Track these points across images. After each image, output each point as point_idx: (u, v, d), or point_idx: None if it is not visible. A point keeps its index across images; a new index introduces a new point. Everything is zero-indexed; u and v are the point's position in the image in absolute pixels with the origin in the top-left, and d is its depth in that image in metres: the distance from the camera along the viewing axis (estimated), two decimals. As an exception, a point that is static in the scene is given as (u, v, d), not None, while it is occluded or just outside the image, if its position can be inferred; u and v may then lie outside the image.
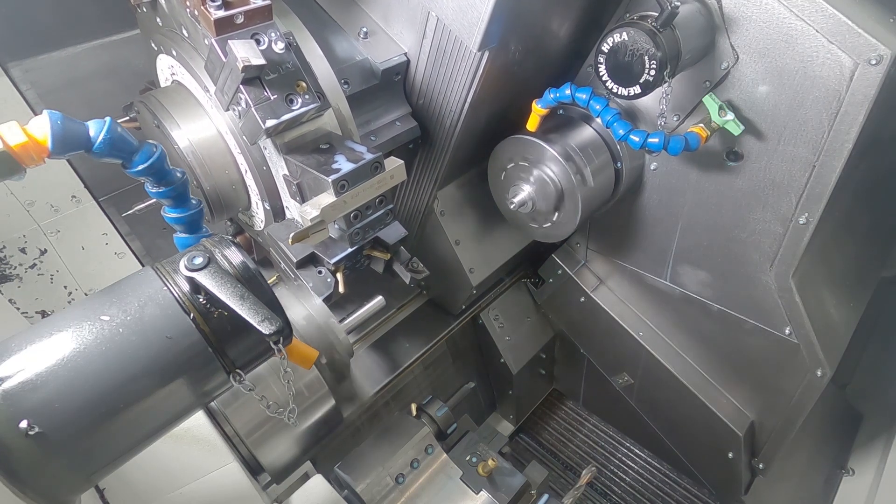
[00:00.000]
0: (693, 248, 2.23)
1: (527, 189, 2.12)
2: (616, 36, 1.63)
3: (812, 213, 1.81)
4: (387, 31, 1.91)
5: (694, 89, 1.85)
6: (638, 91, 1.66)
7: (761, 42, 1.68)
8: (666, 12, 1.55)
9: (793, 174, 1.80)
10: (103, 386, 1.05)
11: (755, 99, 1.77)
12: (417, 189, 2.31)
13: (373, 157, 1.54)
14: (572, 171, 1.97)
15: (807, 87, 1.65)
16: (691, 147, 1.76)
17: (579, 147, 2.01)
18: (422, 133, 2.06)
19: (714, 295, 2.28)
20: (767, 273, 2.02)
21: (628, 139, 1.80)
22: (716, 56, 1.76)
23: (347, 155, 1.55)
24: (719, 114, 1.77)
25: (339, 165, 1.51)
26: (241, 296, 1.08)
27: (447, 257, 2.46)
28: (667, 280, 2.40)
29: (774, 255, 1.97)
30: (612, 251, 2.59)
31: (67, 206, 2.27)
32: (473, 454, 2.15)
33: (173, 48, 1.67)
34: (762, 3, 1.63)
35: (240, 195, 1.84)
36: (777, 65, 1.68)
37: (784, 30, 1.62)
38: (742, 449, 2.47)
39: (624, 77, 1.67)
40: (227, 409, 1.63)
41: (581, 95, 1.86)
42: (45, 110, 1.12)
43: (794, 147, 1.75)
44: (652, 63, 1.59)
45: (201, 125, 1.70)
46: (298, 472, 2.07)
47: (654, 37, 1.57)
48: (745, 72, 1.75)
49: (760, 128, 1.80)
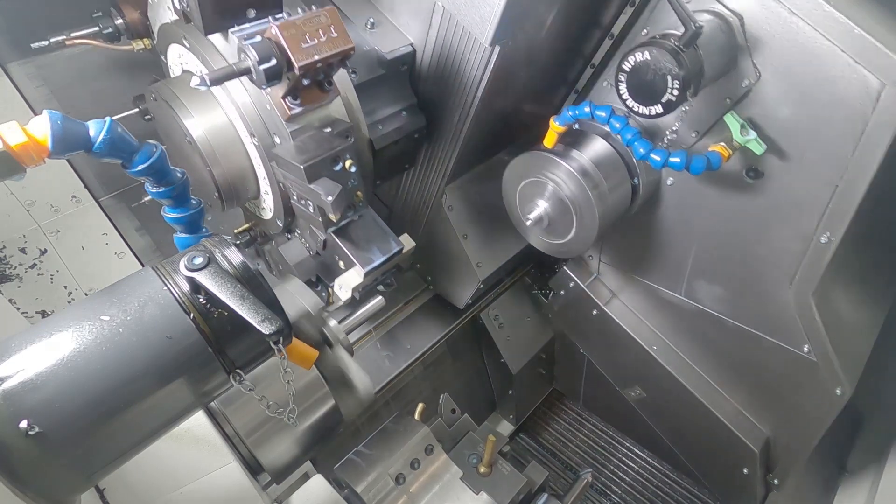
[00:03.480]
0: (709, 264, 2.19)
1: (542, 205, 2.08)
2: (638, 55, 1.59)
3: (834, 232, 1.76)
4: (393, 21, 1.92)
5: (713, 106, 1.81)
6: (660, 111, 1.63)
7: (785, 60, 1.64)
8: (690, 32, 1.52)
9: (815, 193, 1.75)
10: (103, 386, 1.05)
11: (777, 117, 1.73)
12: (425, 182, 2.32)
13: (399, 248, 1.81)
14: (589, 187, 1.93)
15: (831, 107, 1.60)
16: (713, 167, 1.73)
17: (595, 162, 1.97)
18: (429, 125, 2.07)
19: (730, 311, 2.24)
20: (786, 290, 1.97)
21: (649, 158, 1.77)
22: (737, 73, 1.72)
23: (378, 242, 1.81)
24: (741, 133, 1.73)
25: (373, 255, 1.76)
26: (241, 296, 1.08)
27: (454, 251, 2.47)
28: (682, 295, 2.36)
29: (794, 273, 1.93)
30: (626, 264, 2.56)
31: (67, 206, 2.27)
32: (473, 454, 2.16)
33: (184, 37, 1.69)
34: (786, 21, 1.59)
35: (249, 183, 1.86)
36: (801, 83, 1.64)
37: (809, 48, 1.58)
38: (757, 465, 2.45)
39: (645, 96, 1.64)
40: (227, 409, 1.63)
41: (601, 113, 1.83)
42: (45, 110, 1.12)
43: (817, 166, 1.71)
44: (675, 83, 1.56)
45: (213, 113, 1.73)
46: (298, 472, 2.07)
47: (678, 56, 1.53)
48: (767, 90, 1.71)
49: (782, 146, 1.76)
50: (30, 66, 2.19)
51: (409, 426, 2.13)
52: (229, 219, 2.34)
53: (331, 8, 1.48)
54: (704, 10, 1.70)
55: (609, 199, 1.98)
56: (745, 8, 1.65)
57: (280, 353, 1.21)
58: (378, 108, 1.95)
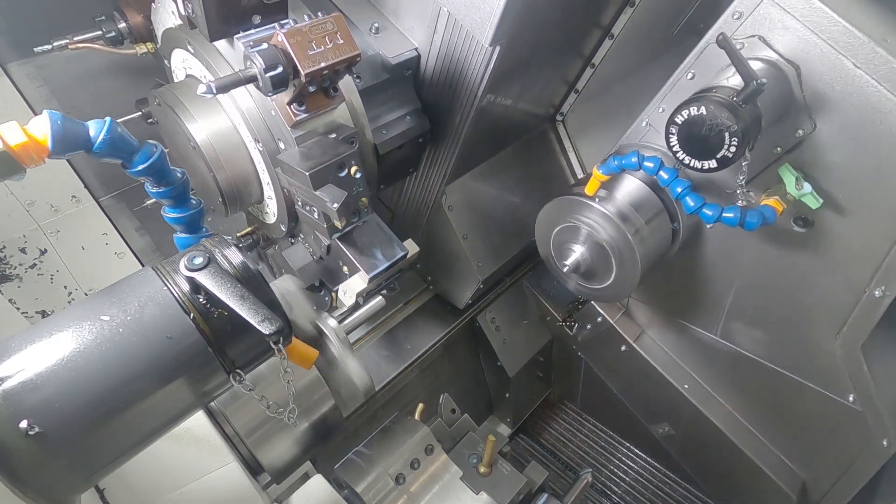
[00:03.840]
0: (749, 308, 2.11)
1: (578, 250, 2.01)
2: (693, 109, 1.51)
3: (891, 287, 1.68)
4: (398, 26, 1.92)
5: (763, 153, 1.73)
6: (714, 166, 1.55)
7: (845, 113, 1.56)
8: (751, 88, 1.44)
9: (871, 246, 1.68)
10: (103, 386, 1.05)
11: (832, 167, 1.65)
12: (426, 183, 2.32)
13: (403, 254, 1.79)
14: (630, 232, 1.85)
15: (894, 161, 1.54)
16: (769, 222, 1.64)
17: (635, 206, 1.89)
18: (431, 127, 2.07)
19: (770, 355, 2.15)
20: (832, 340, 1.89)
21: (701, 213, 1.70)
22: (790, 122, 1.64)
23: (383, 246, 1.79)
24: (796, 186, 1.65)
25: (377, 261, 1.76)
26: (241, 296, 1.08)
27: (455, 251, 2.47)
28: (717, 336, 2.27)
29: (842, 324, 1.85)
30: (659, 301, 2.48)
31: (67, 206, 2.27)
32: (473, 454, 2.15)
33: (188, 42, 1.69)
34: (849, 74, 1.51)
35: (253, 188, 1.86)
36: (862, 136, 1.57)
37: (873, 102, 1.51)
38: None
39: (699, 150, 1.55)
40: (227, 409, 1.63)
41: (649, 164, 1.76)
42: (45, 110, 1.12)
43: (875, 219, 1.64)
44: (733, 140, 1.47)
45: (217, 118, 1.73)
46: (298, 472, 2.06)
47: (736, 112, 1.45)
48: (822, 140, 1.63)
49: (836, 197, 1.68)
50: (30, 67, 2.19)
51: (409, 426, 2.13)
52: (231, 221, 2.34)
53: (337, 15, 1.48)
54: (758, 58, 1.63)
55: (649, 242, 1.90)
56: (802, 58, 1.58)
57: (280, 353, 1.21)
58: (383, 113, 1.95)
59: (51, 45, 2.05)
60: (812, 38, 1.54)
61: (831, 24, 1.51)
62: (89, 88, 2.34)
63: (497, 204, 2.38)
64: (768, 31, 1.61)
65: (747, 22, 1.64)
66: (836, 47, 1.51)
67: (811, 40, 1.54)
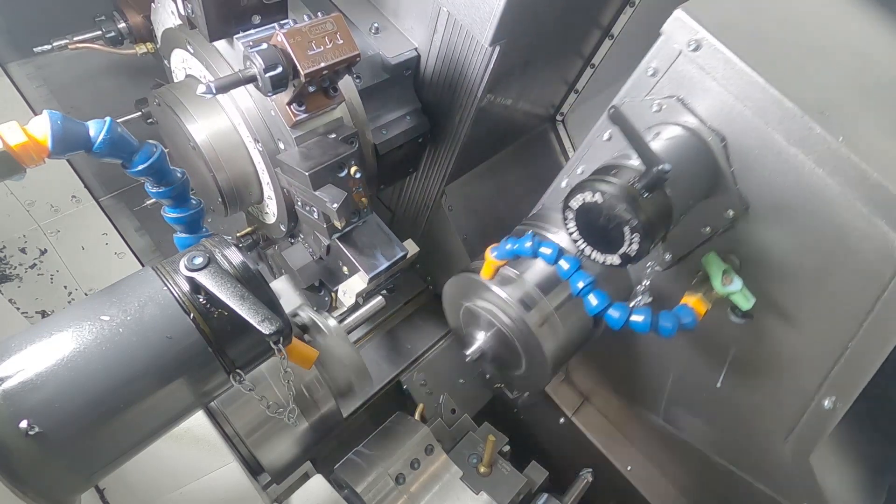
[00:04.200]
0: (689, 395, 1.83)
1: (481, 337, 1.77)
2: (587, 195, 1.20)
3: (842, 399, 1.40)
4: (397, 26, 1.92)
5: (690, 231, 1.45)
6: (617, 262, 1.25)
7: (779, 194, 1.28)
8: (652, 175, 1.14)
9: (816, 351, 1.40)
10: (103, 386, 1.05)
11: (768, 260, 1.37)
12: (426, 184, 2.32)
13: (403, 254, 1.81)
14: (533, 323, 1.58)
15: (839, 259, 1.26)
16: (687, 327, 1.37)
17: (543, 289, 1.61)
18: (431, 127, 2.07)
19: (716, 449, 1.87)
20: (781, 443, 1.61)
21: (607, 316, 1.39)
22: (720, 199, 1.36)
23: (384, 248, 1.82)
24: (723, 282, 1.38)
25: (377, 261, 1.77)
26: (241, 296, 1.08)
27: (455, 252, 2.47)
28: (660, 418, 1.97)
29: (790, 429, 1.56)
30: (598, 372, 2.21)
31: (67, 206, 2.28)
32: (473, 454, 2.16)
33: (188, 42, 1.69)
34: (781, 153, 1.23)
35: (252, 188, 1.86)
36: (800, 226, 1.28)
37: (812, 188, 1.22)
38: None
39: (600, 242, 1.26)
40: (227, 409, 1.63)
41: (546, 251, 1.47)
42: (45, 110, 1.12)
43: (819, 322, 1.37)
44: (633, 236, 1.18)
45: (216, 118, 1.73)
46: (298, 472, 2.06)
47: (635, 203, 1.15)
48: (756, 225, 1.35)
49: (774, 297, 1.41)
50: (29, 67, 2.19)
51: (409, 426, 2.13)
52: (230, 221, 2.34)
53: (337, 15, 1.48)
54: (677, 122, 1.34)
55: (561, 331, 1.64)
56: (727, 128, 1.29)
57: (280, 353, 1.21)
58: (382, 113, 1.95)
59: (50, 45, 2.05)
60: (737, 106, 1.25)
61: (757, 91, 1.21)
62: (89, 88, 2.34)
63: (497, 204, 2.38)
64: (688, 92, 1.32)
65: (664, 80, 1.35)
66: (765, 119, 1.22)
67: (736, 108, 1.25)
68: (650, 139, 1.32)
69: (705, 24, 1.26)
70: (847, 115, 1.23)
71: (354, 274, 1.80)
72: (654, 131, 1.36)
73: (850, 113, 1.26)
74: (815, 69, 1.33)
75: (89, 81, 2.34)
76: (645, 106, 1.40)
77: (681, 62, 1.31)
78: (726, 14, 1.31)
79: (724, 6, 1.33)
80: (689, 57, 1.29)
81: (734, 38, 1.25)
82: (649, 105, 1.39)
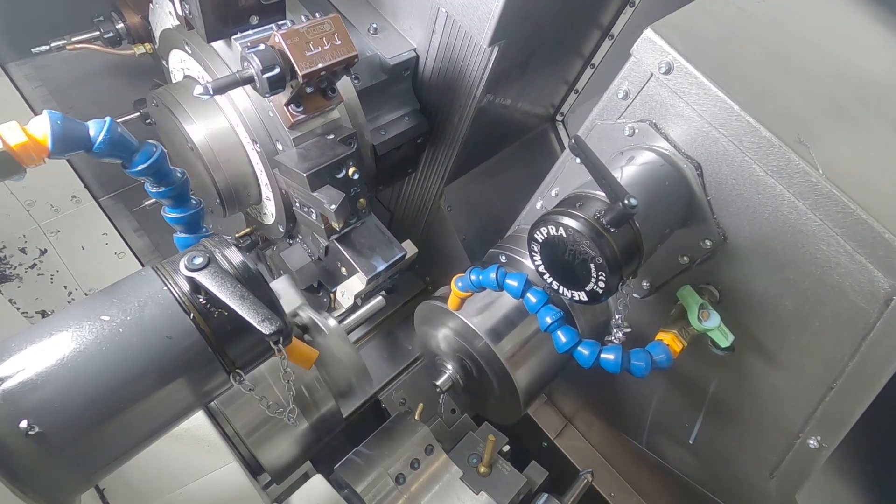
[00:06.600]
0: (671, 424, 1.77)
1: (451, 367, 1.73)
2: (551, 228, 1.13)
3: (827, 439, 1.35)
4: (396, 27, 1.92)
5: (669, 259, 1.39)
6: (584, 299, 1.19)
7: (758, 226, 1.22)
8: (618, 211, 1.07)
9: (800, 390, 1.35)
10: (103, 386, 1.05)
11: (749, 291, 1.31)
12: (425, 184, 2.32)
13: (401, 255, 1.79)
14: (504, 357, 1.52)
15: (822, 296, 1.20)
16: (660, 366, 1.30)
17: (514, 317, 1.55)
18: (430, 128, 2.07)
19: (700, 479, 1.80)
20: (766, 480, 1.56)
21: (576, 354, 1.30)
22: (697, 228, 1.30)
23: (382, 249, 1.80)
24: (700, 317, 1.31)
25: (376, 262, 1.76)
26: (241, 296, 1.08)
27: (454, 252, 2.47)
28: (643, 445, 1.92)
29: (775, 466, 1.51)
30: (580, 397, 2.16)
31: (67, 206, 2.28)
32: (473, 454, 2.15)
33: (186, 43, 1.69)
34: (759, 184, 1.17)
35: (251, 189, 1.86)
36: (779, 258, 1.22)
37: (791, 220, 1.16)
38: None
39: (567, 278, 1.19)
40: (227, 409, 1.63)
41: (512, 283, 1.35)
42: (45, 110, 1.12)
43: (802, 360, 1.32)
44: (599, 274, 1.12)
45: (215, 119, 1.74)
46: (298, 472, 2.06)
47: (600, 240, 1.08)
48: (735, 257, 1.29)
49: (754, 330, 1.35)
50: (28, 67, 2.19)
51: (409, 426, 2.12)
52: (229, 222, 2.34)
53: (335, 15, 1.48)
54: (651, 148, 1.29)
55: (533, 362, 1.59)
56: (703, 155, 1.23)
57: (280, 354, 1.21)
58: (381, 114, 1.96)
59: (49, 45, 2.05)
60: (712, 133, 1.19)
61: (732, 117, 1.15)
62: (87, 89, 2.34)
63: (497, 204, 2.38)
64: (661, 116, 1.27)
65: (637, 102, 1.30)
66: (741, 147, 1.16)
67: (711, 134, 1.19)
68: (623, 163, 1.27)
69: (676, 45, 1.20)
70: (827, 141, 1.18)
71: (353, 275, 1.80)
72: (627, 156, 1.30)
73: (831, 139, 1.20)
74: (794, 92, 1.27)
75: (88, 82, 2.34)
76: (617, 129, 1.35)
77: (652, 85, 1.26)
78: (699, 34, 1.25)
79: (697, 26, 1.27)
80: (660, 80, 1.23)
81: (707, 61, 1.20)
82: (621, 128, 1.34)
